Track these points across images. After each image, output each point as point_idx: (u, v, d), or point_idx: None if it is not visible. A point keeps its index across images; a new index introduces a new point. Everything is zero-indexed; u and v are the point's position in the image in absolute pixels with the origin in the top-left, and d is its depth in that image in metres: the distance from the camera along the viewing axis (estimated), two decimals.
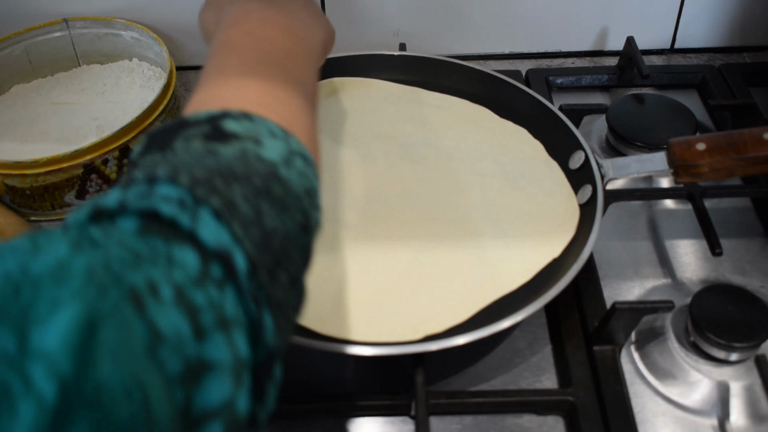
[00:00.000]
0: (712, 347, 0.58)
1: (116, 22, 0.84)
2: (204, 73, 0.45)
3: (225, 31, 0.49)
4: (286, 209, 0.37)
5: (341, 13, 0.89)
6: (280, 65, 0.46)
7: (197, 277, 0.30)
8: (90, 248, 0.28)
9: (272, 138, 0.39)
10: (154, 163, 0.36)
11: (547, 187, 0.68)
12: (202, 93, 0.43)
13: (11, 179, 0.71)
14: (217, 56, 0.46)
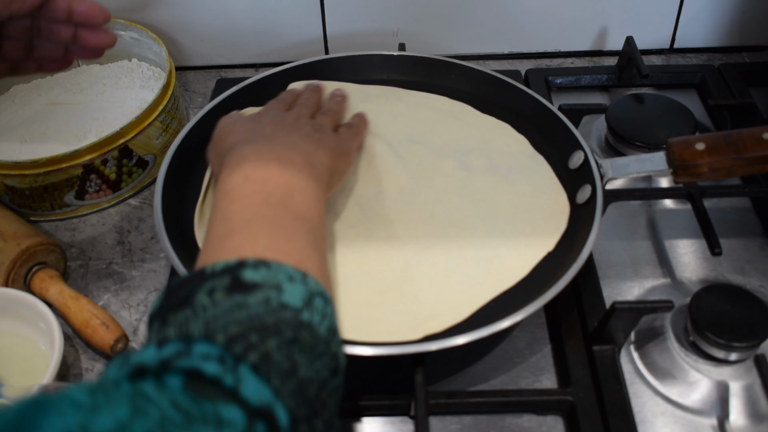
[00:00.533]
0: (712, 347, 0.58)
1: (116, 22, 0.84)
2: (211, 224, 0.47)
3: (225, 179, 0.50)
4: (317, 356, 0.38)
5: (341, 13, 0.89)
6: (282, 203, 0.47)
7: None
8: (146, 409, 0.29)
9: (291, 282, 0.40)
10: (185, 319, 0.37)
11: (535, 181, 0.68)
12: (212, 244, 0.45)
13: (10, 179, 0.70)
14: (221, 205, 0.47)
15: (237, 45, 0.92)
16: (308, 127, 0.58)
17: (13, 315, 0.62)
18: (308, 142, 0.56)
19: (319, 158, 0.55)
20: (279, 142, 0.54)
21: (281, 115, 0.60)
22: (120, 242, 0.73)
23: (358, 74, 0.80)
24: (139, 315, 0.66)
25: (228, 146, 0.55)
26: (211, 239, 0.45)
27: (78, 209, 0.75)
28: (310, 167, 0.52)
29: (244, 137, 0.55)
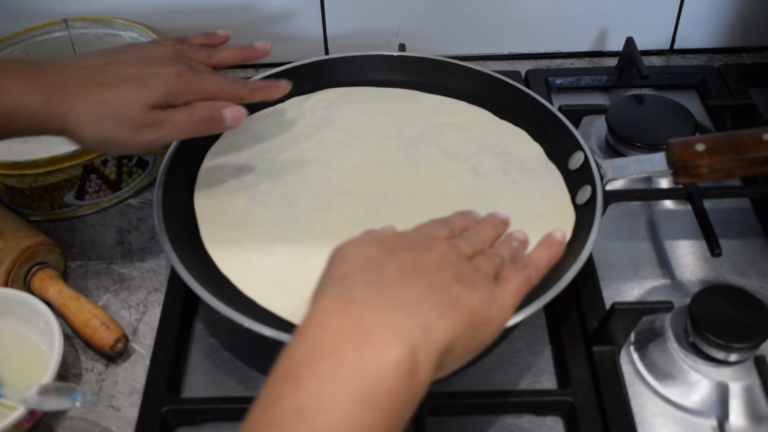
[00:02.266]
0: (712, 348, 0.58)
1: (115, 22, 0.84)
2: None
3: (278, 381, 0.37)
4: None
5: (341, 14, 0.89)
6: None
7: None
8: None
9: None
10: None
11: (544, 189, 0.68)
12: None
13: (10, 179, 0.70)
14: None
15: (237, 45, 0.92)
16: (451, 272, 0.43)
17: (13, 315, 0.62)
18: (436, 297, 0.40)
19: (438, 329, 0.39)
20: (388, 303, 0.39)
21: (425, 246, 0.44)
22: (120, 242, 0.73)
23: (358, 75, 0.80)
24: (138, 315, 0.66)
25: (328, 280, 0.42)
26: None
27: (78, 209, 0.75)
28: (422, 352, 0.38)
29: (348, 275, 0.41)
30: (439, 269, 0.43)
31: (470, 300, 0.42)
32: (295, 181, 0.69)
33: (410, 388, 0.37)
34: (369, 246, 0.44)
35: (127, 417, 0.59)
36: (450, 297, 0.41)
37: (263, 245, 0.63)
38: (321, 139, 0.73)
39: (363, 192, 0.68)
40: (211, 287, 0.59)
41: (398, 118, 0.75)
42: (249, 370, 0.61)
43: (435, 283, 0.41)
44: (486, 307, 0.43)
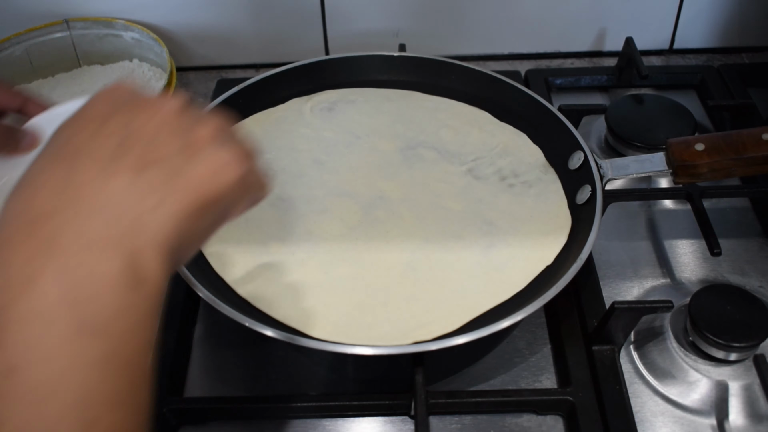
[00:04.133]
0: (711, 347, 0.58)
1: (117, 23, 0.84)
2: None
3: None
4: None
5: (342, 14, 0.89)
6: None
7: None
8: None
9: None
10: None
11: (541, 192, 0.68)
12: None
13: None
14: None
15: (238, 46, 0.92)
16: (172, 141, 0.34)
17: None
18: (145, 183, 0.33)
19: (156, 224, 0.33)
20: (82, 211, 0.32)
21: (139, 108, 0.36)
22: None
23: (358, 75, 0.80)
24: None
25: (13, 190, 0.33)
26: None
27: None
28: (145, 255, 0.32)
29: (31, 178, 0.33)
30: (156, 136, 0.34)
31: (196, 174, 0.34)
32: (292, 183, 0.69)
33: (141, 298, 0.31)
34: (71, 126, 0.35)
35: None
36: (166, 177, 0.33)
37: (258, 246, 0.63)
38: (320, 140, 0.73)
39: (359, 194, 0.68)
40: (212, 287, 0.59)
41: (398, 119, 0.75)
42: (250, 369, 0.61)
43: (147, 160, 0.33)
44: (218, 176, 0.35)
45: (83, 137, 0.34)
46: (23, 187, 0.33)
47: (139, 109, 0.35)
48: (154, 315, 0.32)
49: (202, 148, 0.35)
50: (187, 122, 0.35)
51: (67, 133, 0.34)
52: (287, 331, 0.55)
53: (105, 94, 0.36)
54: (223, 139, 0.36)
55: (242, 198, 0.37)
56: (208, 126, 0.36)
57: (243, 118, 0.76)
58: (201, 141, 0.35)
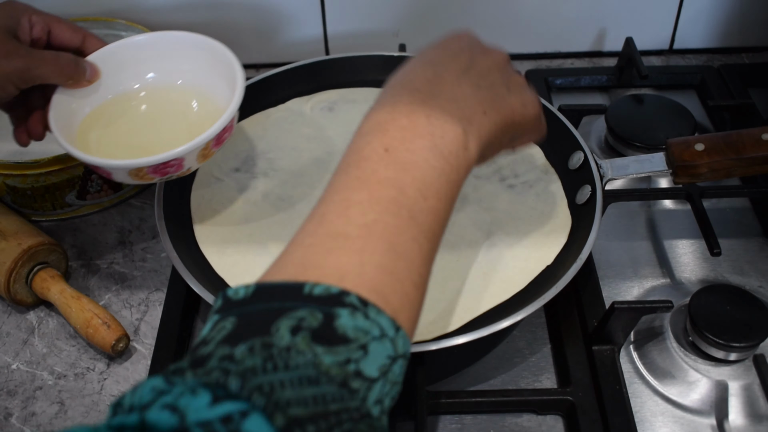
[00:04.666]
0: (711, 347, 0.58)
1: (117, 23, 0.84)
2: (326, 199, 0.41)
3: (365, 135, 0.44)
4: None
5: (342, 14, 0.89)
6: (411, 211, 0.40)
7: None
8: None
9: (380, 341, 0.36)
10: (252, 368, 0.32)
11: (541, 192, 0.68)
12: (318, 238, 0.39)
13: (12, 179, 0.71)
14: (347, 179, 0.41)
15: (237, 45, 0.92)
16: (499, 75, 0.49)
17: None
18: (481, 95, 0.47)
19: (482, 123, 0.46)
20: (443, 94, 0.45)
21: (481, 50, 0.50)
22: (121, 242, 0.73)
23: (358, 75, 0.80)
24: (140, 315, 0.66)
25: (397, 74, 0.48)
26: (321, 228, 0.39)
27: (79, 209, 0.75)
28: (471, 137, 0.45)
29: (410, 72, 0.48)
30: (490, 71, 0.48)
31: (512, 101, 0.48)
32: (293, 183, 0.69)
33: (465, 158, 0.44)
34: (436, 49, 0.50)
35: None
36: (494, 96, 0.47)
37: (258, 246, 0.63)
38: (320, 140, 0.73)
39: None
40: (213, 287, 0.59)
41: None
42: None
43: (483, 83, 0.47)
44: (525, 108, 0.49)
45: (445, 56, 0.48)
46: (407, 71, 0.48)
47: (480, 49, 0.50)
48: (465, 173, 0.44)
49: (518, 87, 0.49)
50: (509, 68, 0.50)
51: (432, 54, 0.49)
52: None
53: (457, 37, 0.51)
54: (528, 87, 0.51)
55: (531, 131, 0.51)
56: (519, 76, 0.51)
57: (243, 118, 0.76)
58: (517, 82, 0.50)
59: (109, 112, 0.63)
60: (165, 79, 0.65)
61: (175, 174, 0.57)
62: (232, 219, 0.66)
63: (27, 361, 0.63)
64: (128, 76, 0.64)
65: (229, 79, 0.61)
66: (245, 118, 0.76)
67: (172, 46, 0.64)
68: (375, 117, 0.44)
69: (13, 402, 0.60)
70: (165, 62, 0.64)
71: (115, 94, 0.64)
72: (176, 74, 0.65)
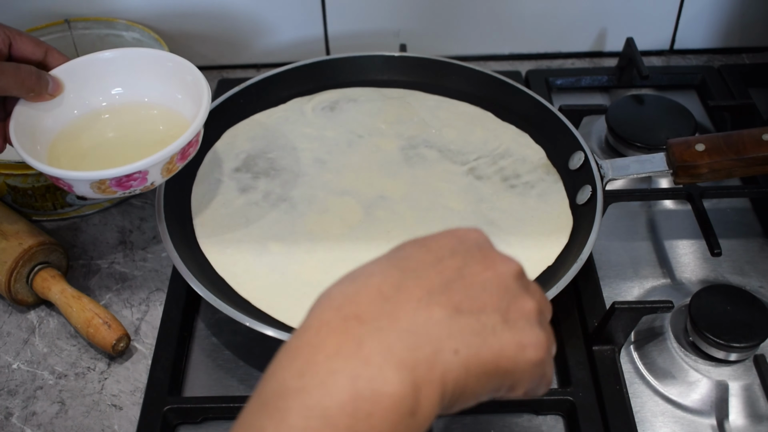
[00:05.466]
0: (711, 347, 0.58)
1: (118, 23, 0.84)
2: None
3: (269, 401, 0.32)
4: None
5: (342, 14, 0.89)
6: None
7: None
8: None
9: None
10: None
11: (543, 193, 0.68)
12: None
13: (13, 179, 0.71)
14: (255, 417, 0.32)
15: (238, 46, 0.92)
16: (496, 297, 0.35)
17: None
18: (459, 325, 0.34)
19: (449, 367, 0.33)
20: (396, 322, 0.33)
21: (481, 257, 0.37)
22: (122, 242, 0.73)
23: (359, 75, 0.80)
24: (140, 314, 0.66)
25: (342, 279, 0.36)
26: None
27: (80, 209, 0.75)
28: (425, 392, 0.32)
29: (361, 279, 0.36)
30: (483, 290, 0.35)
31: (504, 339, 0.34)
32: (294, 182, 0.69)
33: (407, 429, 0.31)
34: (418, 244, 0.37)
35: (129, 416, 0.59)
36: (478, 329, 0.34)
37: (258, 245, 0.63)
38: (321, 139, 0.74)
39: (360, 193, 0.68)
40: (213, 286, 0.59)
41: (399, 118, 0.76)
42: (250, 369, 0.61)
43: (467, 307, 0.34)
44: (520, 352, 0.35)
45: (422, 261, 0.36)
46: (356, 279, 0.35)
47: (479, 258, 0.36)
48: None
49: (520, 319, 0.35)
50: (516, 289, 0.36)
51: (409, 251, 0.37)
52: (287, 331, 0.55)
53: (458, 232, 0.38)
54: (540, 320, 0.37)
55: (524, 383, 0.36)
56: (533, 301, 0.36)
57: (244, 118, 0.76)
58: (521, 311, 0.36)
59: (77, 129, 0.63)
60: (132, 95, 0.65)
61: (139, 188, 0.57)
62: (232, 219, 0.66)
63: (27, 360, 0.63)
64: (94, 92, 0.64)
65: (195, 96, 0.61)
66: (246, 118, 0.76)
67: (138, 63, 0.65)
68: (281, 375, 0.32)
69: (14, 402, 0.60)
70: (131, 78, 0.65)
71: (81, 109, 0.63)
72: (143, 90, 0.65)
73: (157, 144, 0.57)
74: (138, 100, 0.65)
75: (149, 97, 0.65)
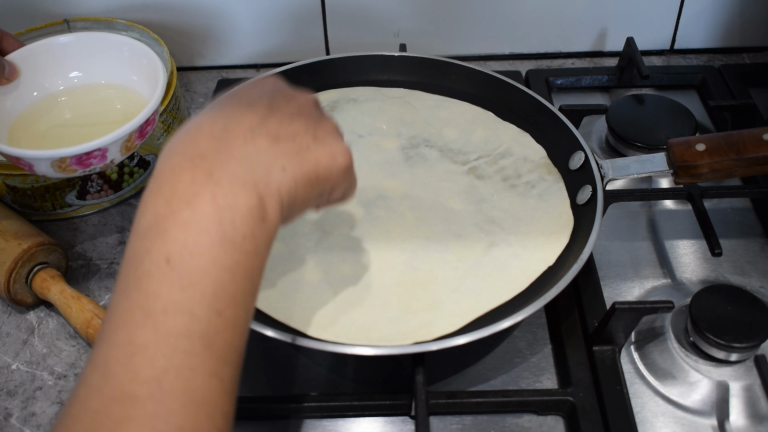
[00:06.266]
0: (712, 347, 0.58)
1: (117, 22, 0.84)
2: (104, 335, 0.36)
3: (143, 237, 0.38)
4: None
5: (341, 14, 0.89)
6: (207, 344, 0.36)
7: None
8: None
9: None
10: None
11: (544, 193, 0.68)
12: (104, 399, 0.34)
13: (12, 179, 0.71)
14: (127, 305, 0.36)
15: (238, 45, 0.92)
16: (303, 123, 0.44)
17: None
18: (281, 149, 0.42)
19: (281, 181, 0.41)
20: (232, 156, 0.40)
21: (285, 95, 0.45)
22: (121, 242, 0.73)
23: (358, 75, 0.80)
24: None
25: (180, 131, 0.41)
26: (105, 386, 0.34)
27: (79, 209, 0.75)
28: (269, 201, 0.40)
29: (195, 127, 0.41)
30: (292, 119, 0.43)
31: (318, 153, 0.43)
32: None
33: (263, 232, 0.39)
34: (230, 96, 0.44)
35: None
36: (296, 149, 0.42)
37: None
38: None
39: (360, 192, 0.67)
40: None
41: (400, 118, 0.75)
42: (249, 369, 0.61)
43: (283, 134, 0.42)
44: (332, 161, 0.44)
45: (240, 103, 0.42)
46: (189, 130, 0.41)
47: (281, 96, 0.44)
48: (267, 247, 0.40)
49: (326, 136, 0.44)
50: (317, 113, 0.45)
51: (225, 102, 0.43)
52: (287, 331, 0.55)
53: (256, 81, 0.46)
54: (338, 134, 0.46)
55: (340, 185, 0.45)
56: (330, 121, 0.46)
57: None
58: (325, 130, 0.44)
59: (36, 111, 0.64)
60: (89, 78, 0.67)
61: (99, 165, 0.58)
62: None
63: (27, 361, 0.63)
64: (52, 76, 0.66)
65: (151, 77, 0.63)
66: None
67: (94, 47, 0.66)
68: (153, 208, 0.38)
69: (13, 402, 0.60)
70: (88, 62, 0.66)
71: (40, 92, 0.65)
72: (100, 73, 0.67)
73: (115, 123, 0.59)
74: (95, 82, 0.67)
75: (106, 79, 0.67)
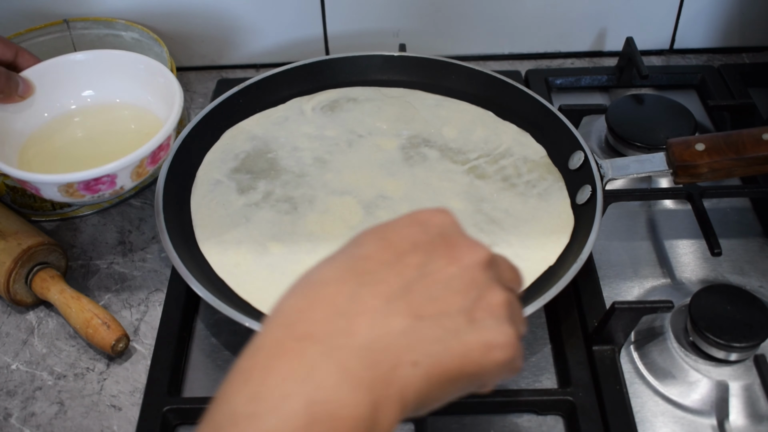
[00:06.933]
0: (712, 347, 0.58)
1: (117, 23, 0.84)
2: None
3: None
4: None
5: (342, 14, 0.89)
6: None
7: None
8: None
9: None
10: None
11: (544, 192, 0.68)
12: None
13: (12, 179, 0.71)
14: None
15: (238, 45, 0.92)
16: (461, 296, 0.33)
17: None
18: (420, 334, 0.32)
19: (409, 380, 0.31)
20: (352, 340, 0.31)
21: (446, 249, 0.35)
22: (121, 242, 0.73)
23: (358, 75, 0.80)
24: (139, 315, 0.66)
25: (293, 290, 0.33)
26: None
27: (79, 209, 0.75)
28: (386, 406, 0.30)
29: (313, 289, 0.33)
30: (447, 288, 0.33)
31: (469, 342, 0.32)
32: (294, 182, 0.69)
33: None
34: (376, 238, 0.34)
35: (129, 416, 0.59)
36: (441, 335, 0.31)
37: (258, 246, 0.63)
38: (321, 139, 0.73)
39: (361, 193, 0.68)
40: (212, 287, 0.59)
41: (400, 117, 0.75)
42: None
43: (428, 311, 0.32)
44: (486, 354, 0.32)
45: (380, 261, 0.33)
46: (308, 292, 0.32)
47: (443, 250, 0.34)
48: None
49: (487, 317, 0.33)
50: (484, 281, 0.34)
51: (367, 249, 0.34)
52: None
53: (421, 216, 0.35)
54: (509, 313, 0.34)
55: (494, 380, 0.34)
56: (501, 294, 0.34)
57: (243, 118, 0.76)
58: (488, 308, 0.33)
59: (48, 131, 0.63)
60: (103, 97, 0.65)
61: (108, 192, 0.56)
62: (232, 219, 0.66)
63: (26, 361, 0.63)
64: (65, 94, 0.64)
65: (167, 98, 0.61)
66: (246, 118, 0.76)
67: (109, 65, 0.65)
68: (233, 400, 0.32)
69: (13, 402, 0.60)
70: (103, 80, 0.65)
71: (52, 111, 0.63)
72: (114, 92, 0.65)
73: (128, 145, 0.57)
74: (109, 101, 0.65)
75: (120, 98, 0.65)
